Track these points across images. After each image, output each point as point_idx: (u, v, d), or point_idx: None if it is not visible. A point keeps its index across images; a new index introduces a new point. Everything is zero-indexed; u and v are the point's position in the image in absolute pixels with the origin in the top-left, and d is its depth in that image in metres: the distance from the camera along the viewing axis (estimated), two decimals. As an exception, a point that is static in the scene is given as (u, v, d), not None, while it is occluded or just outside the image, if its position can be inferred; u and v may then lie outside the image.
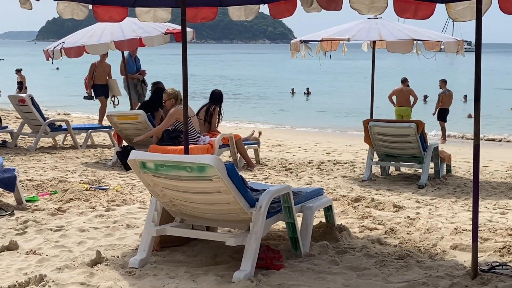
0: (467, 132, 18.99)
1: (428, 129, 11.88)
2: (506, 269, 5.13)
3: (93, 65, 15.95)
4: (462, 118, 23.22)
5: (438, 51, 12.12)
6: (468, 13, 6.20)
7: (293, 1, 6.59)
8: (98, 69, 15.93)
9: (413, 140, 9.55)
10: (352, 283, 4.76)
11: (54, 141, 13.33)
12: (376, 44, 12.30)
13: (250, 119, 24.47)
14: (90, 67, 15.99)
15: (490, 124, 22.46)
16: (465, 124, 21.42)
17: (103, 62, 15.92)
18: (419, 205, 7.97)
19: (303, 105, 33.51)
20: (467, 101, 30.16)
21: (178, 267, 5.13)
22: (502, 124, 23.73)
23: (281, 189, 5.36)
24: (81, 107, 24.02)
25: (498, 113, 27.03)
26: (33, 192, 8.11)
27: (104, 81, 16.08)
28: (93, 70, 15.94)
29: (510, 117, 26.72)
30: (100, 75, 15.93)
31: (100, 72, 15.92)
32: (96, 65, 15.92)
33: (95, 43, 11.94)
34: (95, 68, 15.93)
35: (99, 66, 15.92)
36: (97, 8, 7.18)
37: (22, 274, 4.91)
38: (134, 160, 5.04)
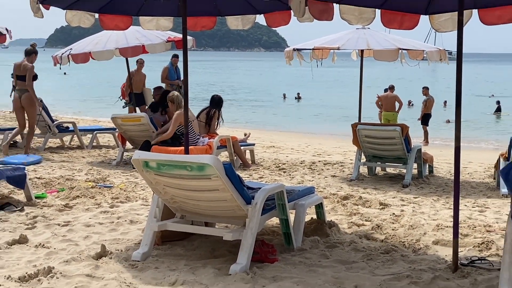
0: (445, 135, 19.06)
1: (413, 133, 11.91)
2: (484, 263, 5.14)
3: (130, 74, 14.97)
4: (442, 122, 23.27)
5: (421, 60, 12.16)
6: (450, 24, 6.23)
7: (288, 11, 6.61)
8: (135, 78, 15.16)
9: (398, 143, 9.57)
10: (341, 276, 4.77)
11: (61, 142, 13.31)
12: (364, 52, 12.33)
13: (245, 122, 24.46)
14: (128, 76, 14.99)
15: (469, 128, 22.56)
16: (445, 128, 21.49)
17: (139, 71, 15.38)
18: (404, 203, 7.98)
19: (294, 109, 33.54)
20: (446, 106, 30.27)
21: (178, 260, 5.13)
22: (481, 128, 23.81)
23: (275, 187, 5.37)
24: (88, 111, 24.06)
25: (477, 118, 27.13)
26: (42, 189, 8.09)
27: (140, 89, 15.32)
28: (130, 79, 14.94)
29: (488, 121, 26.82)
30: (137, 83, 15.14)
31: (137, 80, 15.18)
32: (133, 73, 15.12)
33: (100, 50, 11.94)
34: (132, 77, 15.03)
35: (136, 75, 15.25)
36: (103, 17, 7.19)
37: (31, 266, 4.91)
38: (138, 159, 5.04)
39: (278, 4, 6.47)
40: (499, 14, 5.95)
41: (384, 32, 12.14)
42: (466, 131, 20.22)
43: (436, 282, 4.66)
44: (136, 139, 10.79)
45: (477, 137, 20.06)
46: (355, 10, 6.08)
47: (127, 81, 14.95)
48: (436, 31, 6.50)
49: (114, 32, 11.39)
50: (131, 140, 10.96)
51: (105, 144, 13.62)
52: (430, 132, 18.53)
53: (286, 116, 28.72)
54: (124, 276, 4.70)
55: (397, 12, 6.24)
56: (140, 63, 15.37)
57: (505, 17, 5.93)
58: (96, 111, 20.44)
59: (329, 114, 29.25)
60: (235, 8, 7.26)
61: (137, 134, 10.77)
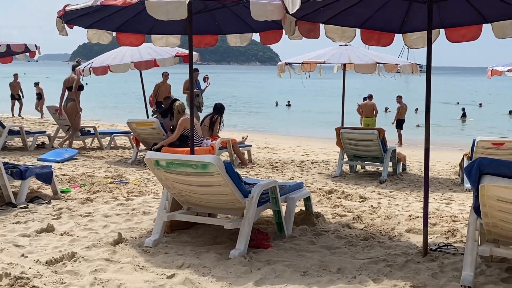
0: (416, 138, 19.05)
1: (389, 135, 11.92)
2: (450, 248, 5.15)
3: (157, 85, 14.92)
4: (414, 126, 23.27)
5: (396, 72, 12.17)
6: (421, 41, 6.24)
7: (280, 30, 6.61)
8: (161, 89, 14.83)
9: (375, 144, 9.58)
10: (326, 259, 4.77)
11: (83, 143, 13.27)
12: (346, 66, 12.34)
13: (243, 126, 24.36)
14: (155, 87, 14.94)
15: (438, 132, 22.58)
16: (415, 132, 21.51)
17: (165, 82, 14.97)
18: (380, 196, 7.98)
19: (285, 115, 33.50)
20: (417, 112, 30.33)
21: (185, 246, 5.12)
22: (448, 132, 23.83)
23: (269, 183, 5.36)
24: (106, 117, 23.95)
25: (445, 122, 27.19)
26: (67, 185, 8.06)
27: None
28: (157, 89, 14.89)
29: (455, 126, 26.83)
30: (163, 93, 14.57)
31: (163, 91, 14.75)
32: (159, 85, 14.91)
33: (118, 64, 11.92)
34: (158, 88, 14.89)
35: (162, 85, 14.90)
36: (120, 35, 7.19)
37: (57, 251, 4.90)
38: (150, 159, 5.03)
39: (271, 24, 6.47)
40: (463, 33, 5.96)
41: (363, 48, 12.16)
42: (435, 134, 20.30)
43: (409, 265, 4.66)
44: (149, 141, 10.78)
45: (445, 140, 20.05)
46: (338, 29, 6.10)
47: (154, 91, 14.78)
48: (408, 47, 6.50)
49: (130, 48, 11.38)
50: (144, 142, 10.95)
51: (122, 145, 13.59)
52: (403, 135, 18.52)
53: (278, 121, 28.69)
54: (137, 260, 4.70)
55: (375, 31, 6.25)
56: (165, 75, 15.06)
57: (468, 36, 5.95)
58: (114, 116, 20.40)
59: (316, 120, 29.20)
60: (234, 27, 7.26)
61: (150, 136, 10.76)
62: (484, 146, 9.02)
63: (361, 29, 6.18)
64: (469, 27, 5.91)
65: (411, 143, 17.89)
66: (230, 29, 7.36)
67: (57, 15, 6.18)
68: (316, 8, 5.56)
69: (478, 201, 4.03)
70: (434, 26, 5.52)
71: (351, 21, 6.07)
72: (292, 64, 12.30)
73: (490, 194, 3.91)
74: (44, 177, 7.17)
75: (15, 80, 22.96)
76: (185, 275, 4.31)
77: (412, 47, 6.41)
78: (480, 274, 4.42)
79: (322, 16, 5.83)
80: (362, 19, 6.08)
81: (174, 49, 11.59)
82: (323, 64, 12.09)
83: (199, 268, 4.50)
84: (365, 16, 6.01)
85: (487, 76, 10.26)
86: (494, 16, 5.68)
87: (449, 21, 5.94)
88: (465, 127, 27.52)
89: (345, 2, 5.57)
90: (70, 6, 5.95)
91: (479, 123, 28.93)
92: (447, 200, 7.77)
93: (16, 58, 13.48)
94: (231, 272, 4.41)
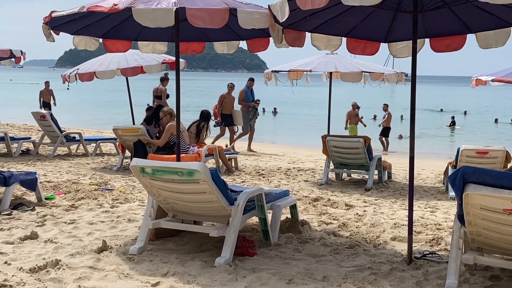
0: (403, 146, 19.18)
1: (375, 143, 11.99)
2: (435, 256, 5.17)
3: (222, 97, 14.67)
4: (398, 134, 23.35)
5: (381, 81, 12.26)
6: (406, 51, 6.30)
7: (267, 38, 6.64)
8: (226, 100, 14.65)
9: (361, 152, 9.62)
10: (312, 267, 4.77)
11: (69, 150, 13.19)
12: (333, 74, 12.40)
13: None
14: (220, 98, 14.68)
15: (424, 139, 22.73)
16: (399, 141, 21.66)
17: (230, 94, 14.71)
18: (366, 204, 8.01)
19: (272, 122, 33.54)
20: (403, 120, 30.57)
21: (170, 254, 5.10)
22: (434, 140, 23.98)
23: (255, 190, 5.36)
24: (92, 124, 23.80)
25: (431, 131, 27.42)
26: (51, 192, 8.00)
27: (229, 111, 14.76)
28: (222, 101, 14.61)
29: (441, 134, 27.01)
30: (227, 105, 14.64)
31: (227, 103, 14.65)
32: (224, 96, 14.68)
33: (104, 70, 11.90)
34: (224, 99, 14.64)
35: (227, 97, 14.70)
36: (106, 41, 7.18)
37: (41, 259, 4.85)
38: (135, 166, 5.01)
39: (258, 32, 6.50)
40: (447, 43, 6.04)
41: (349, 57, 12.25)
42: (421, 141, 20.49)
43: (393, 273, 4.68)
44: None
45: (430, 148, 20.17)
46: (324, 37, 6.14)
47: (219, 102, 14.57)
48: (394, 56, 6.56)
49: (116, 54, 11.36)
50: (130, 148, 10.89)
51: (107, 152, 13.52)
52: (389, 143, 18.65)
53: (265, 128, 28.70)
54: (122, 268, 4.67)
55: (361, 40, 6.30)
56: (231, 87, 14.68)
57: (452, 46, 6.03)
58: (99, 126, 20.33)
59: (302, 127, 29.27)
60: (221, 35, 7.27)
61: (135, 143, 10.70)
62: (468, 154, 9.10)
63: (347, 38, 6.24)
64: (453, 37, 5.99)
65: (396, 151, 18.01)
66: (217, 37, 7.37)
67: (43, 21, 6.16)
68: (302, 17, 5.59)
69: (462, 209, 4.06)
70: (419, 35, 5.59)
71: (337, 30, 6.12)
72: (278, 72, 12.37)
73: (473, 202, 3.95)
74: (29, 183, 7.11)
75: (47, 88, 21.19)
76: (170, 283, 4.28)
77: (397, 56, 6.47)
78: (464, 282, 4.45)
79: (308, 24, 5.86)
80: (348, 28, 6.13)
81: (161, 56, 11.59)
82: (310, 72, 12.16)
83: (184, 276, 4.48)
84: (351, 25, 6.06)
85: (472, 86, 10.35)
86: (478, 27, 5.76)
87: (433, 31, 6.01)
88: (451, 135, 27.72)
89: (332, 11, 5.61)
90: (57, 12, 5.93)
91: (465, 131, 29.21)
92: (432, 208, 7.81)
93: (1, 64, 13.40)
94: (216, 280, 4.39)
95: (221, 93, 14.90)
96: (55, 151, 12.40)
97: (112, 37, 7.16)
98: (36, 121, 13.21)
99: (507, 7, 5.18)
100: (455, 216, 4.33)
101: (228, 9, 5.26)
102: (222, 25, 5.23)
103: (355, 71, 11.71)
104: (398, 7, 5.58)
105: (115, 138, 12.29)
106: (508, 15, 5.43)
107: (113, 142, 13.12)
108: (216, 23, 5.23)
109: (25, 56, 13.25)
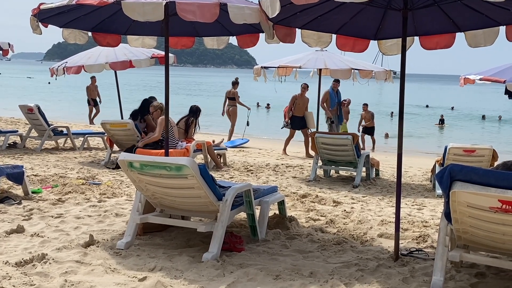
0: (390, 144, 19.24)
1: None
2: (421, 253, 5.21)
3: (293, 98, 13.60)
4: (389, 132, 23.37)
5: (370, 78, 12.31)
6: (395, 48, 6.32)
7: (256, 34, 6.64)
8: (298, 102, 13.56)
9: (349, 149, 9.64)
10: (299, 263, 4.78)
11: (56, 144, 13.09)
12: (322, 71, 12.43)
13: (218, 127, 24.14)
14: (291, 99, 13.62)
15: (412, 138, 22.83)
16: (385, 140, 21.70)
17: (303, 95, 13.60)
18: (354, 201, 8.04)
19: (264, 117, 33.53)
20: (393, 116, 30.76)
21: (157, 249, 5.08)
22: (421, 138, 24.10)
23: (243, 186, 5.36)
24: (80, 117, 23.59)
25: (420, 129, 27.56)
26: (38, 185, 7.95)
27: (302, 113, 13.64)
28: (293, 102, 13.57)
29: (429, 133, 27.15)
30: (300, 107, 13.57)
31: (300, 104, 13.57)
32: (296, 97, 13.58)
33: (92, 64, 11.83)
34: (295, 100, 13.57)
35: (300, 98, 13.57)
36: (96, 35, 7.15)
37: (27, 253, 4.81)
38: (123, 160, 4.99)
39: (248, 28, 6.49)
40: (437, 41, 6.06)
41: (339, 54, 12.27)
42: (410, 139, 20.57)
43: (380, 269, 4.70)
44: (123, 142, 10.69)
45: (418, 145, 20.27)
46: (315, 34, 6.14)
47: (290, 103, 13.63)
48: (383, 54, 6.58)
49: (105, 48, 11.28)
50: (118, 143, 10.84)
51: (95, 146, 13.44)
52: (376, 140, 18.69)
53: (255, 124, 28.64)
54: (109, 263, 4.65)
55: (350, 37, 6.31)
56: (304, 87, 13.58)
57: (442, 43, 6.05)
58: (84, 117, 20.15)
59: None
60: (211, 30, 7.25)
61: (124, 138, 10.66)
62: (455, 153, 9.16)
63: (337, 35, 6.24)
64: (442, 35, 6.01)
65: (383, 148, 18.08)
66: (207, 32, 7.35)
67: (31, 13, 6.10)
68: (293, 13, 5.59)
69: (449, 207, 4.08)
70: (409, 33, 5.60)
71: (327, 27, 6.12)
72: (268, 68, 12.36)
73: (460, 200, 3.97)
74: (15, 177, 7.05)
75: (93, 84, 20.28)
76: (157, 278, 4.27)
77: (387, 54, 6.49)
78: (450, 279, 4.48)
79: (298, 21, 5.86)
80: (338, 25, 6.13)
81: (150, 50, 11.53)
82: (299, 68, 12.17)
83: (171, 271, 4.47)
84: (341, 22, 6.07)
85: (460, 84, 10.41)
86: (467, 26, 5.79)
87: (423, 29, 6.03)
88: (439, 133, 27.87)
89: (322, 8, 5.61)
90: (45, 4, 5.88)
91: (453, 127, 29.42)
92: (419, 206, 7.86)
93: (-11, 56, 13.27)
94: (203, 275, 4.39)
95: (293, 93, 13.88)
96: (43, 144, 12.30)
97: (102, 30, 7.13)
98: (23, 114, 13.10)
99: (497, 7, 5.21)
100: (441, 213, 4.35)
101: (218, 4, 5.25)
102: (213, 19, 5.22)
103: (345, 68, 11.75)
104: (388, 5, 5.59)
105: (103, 132, 12.22)
106: (497, 15, 5.47)
107: (101, 136, 13.05)
108: (206, 17, 5.21)
109: (13, 49, 13.13)
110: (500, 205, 3.81)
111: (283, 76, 12.46)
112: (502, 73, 9.60)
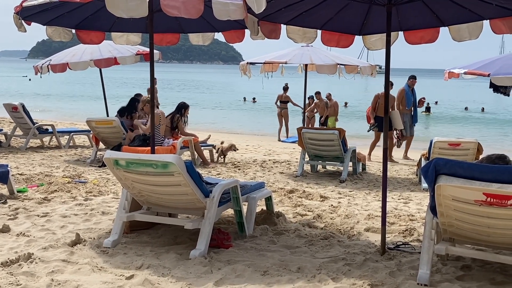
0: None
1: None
2: (408, 247, 5.24)
3: (376, 97, 12.52)
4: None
5: (356, 73, 12.34)
6: (380, 43, 6.34)
7: (242, 30, 6.64)
8: (381, 101, 12.31)
9: (336, 144, 9.67)
10: (287, 259, 4.79)
11: (41, 142, 12.99)
12: (308, 67, 12.43)
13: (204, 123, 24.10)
14: (374, 99, 12.57)
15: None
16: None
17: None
18: (340, 196, 8.07)
19: (251, 112, 33.55)
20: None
21: (145, 246, 5.06)
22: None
23: (231, 182, 5.35)
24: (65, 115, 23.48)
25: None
26: (23, 184, 7.87)
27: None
28: (376, 101, 12.46)
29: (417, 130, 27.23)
30: (381, 107, 12.20)
31: (381, 104, 12.26)
32: (379, 96, 12.49)
33: (77, 61, 11.74)
34: (378, 99, 12.46)
35: (382, 97, 12.32)
36: (79, 32, 7.09)
37: (13, 252, 4.77)
38: (109, 158, 4.96)
39: (233, 24, 6.47)
40: (421, 35, 6.09)
41: (325, 50, 12.29)
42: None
43: (367, 263, 4.72)
44: (109, 140, 10.63)
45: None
46: (300, 30, 6.15)
47: (373, 103, 12.55)
48: (368, 49, 6.61)
49: (89, 45, 11.20)
50: (104, 141, 10.79)
51: (81, 144, 13.35)
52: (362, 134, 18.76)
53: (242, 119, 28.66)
54: (96, 261, 4.62)
55: (335, 32, 6.32)
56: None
57: (426, 38, 6.08)
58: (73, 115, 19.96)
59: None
60: (196, 27, 7.23)
61: (109, 135, 10.61)
62: (441, 146, 9.22)
63: (322, 31, 6.25)
64: (427, 30, 6.04)
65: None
66: (192, 28, 7.32)
67: (14, 11, 6.03)
68: (278, 8, 5.58)
69: (434, 200, 4.11)
70: (393, 28, 5.62)
71: (312, 23, 6.12)
72: (254, 64, 12.35)
73: (445, 193, 4.00)
74: (0, 176, 6.98)
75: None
76: (144, 275, 4.26)
77: (372, 49, 6.52)
78: (436, 272, 4.52)
79: (283, 17, 5.86)
80: (323, 21, 6.14)
81: (135, 47, 11.47)
82: (285, 64, 12.18)
83: (158, 268, 4.45)
84: (326, 17, 6.07)
85: (444, 78, 10.47)
86: (451, 20, 5.82)
87: (407, 23, 6.06)
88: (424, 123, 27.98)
89: (307, 4, 5.61)
90: (28, 2, 5.81)
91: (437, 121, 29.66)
92: (405, 200, 7.91)
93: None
94: (191, 272, 4.38)
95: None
96: (28, 143, 12.20)
97: (85, 28, 7.07)
98: (8, 113, 12.97)
99: (480, 1, 5.25)
100: (427, 207, 4.38)
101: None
102: (198, 15, 5.19)
103: (330, 64, 11.77)
104: (373, 0, 5.60)
105: (88, 130, 12.14)
106: (479, 9, 5.50)
107: (87, 134, 12.97)
108: (191, 13, 5.18)
109: (-4, 47, 13.00)
110: (484, 198, 3.84)
111: (269, 72, 12.46)
112: (486, 67, 9.67)
